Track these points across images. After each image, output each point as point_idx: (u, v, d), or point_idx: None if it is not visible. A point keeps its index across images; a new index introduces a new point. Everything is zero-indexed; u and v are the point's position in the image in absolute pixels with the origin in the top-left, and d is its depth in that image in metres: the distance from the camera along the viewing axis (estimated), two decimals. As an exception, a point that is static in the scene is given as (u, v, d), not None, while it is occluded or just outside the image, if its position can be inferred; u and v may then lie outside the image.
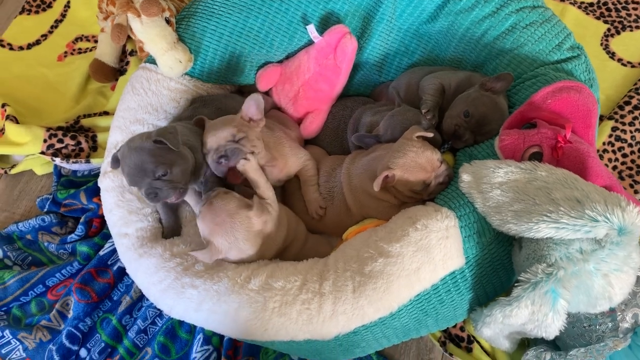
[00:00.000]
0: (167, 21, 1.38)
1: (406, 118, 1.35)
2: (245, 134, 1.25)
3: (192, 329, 1.43)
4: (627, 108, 1.69)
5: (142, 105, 1.41)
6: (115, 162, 1.24)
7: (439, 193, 1.25)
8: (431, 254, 1.12)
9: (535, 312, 1.00)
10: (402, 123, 1.35)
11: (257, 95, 1.29)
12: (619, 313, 1.07)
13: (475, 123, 1.29)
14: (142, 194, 1.22)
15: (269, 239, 1.24)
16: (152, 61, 1.44)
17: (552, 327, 1.01)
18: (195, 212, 1.37)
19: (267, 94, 1.61)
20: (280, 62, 1.56)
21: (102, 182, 1.39)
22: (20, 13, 2.09)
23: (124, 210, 1.34)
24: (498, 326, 1.07)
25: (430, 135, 1.27)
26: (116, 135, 1.41)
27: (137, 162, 1.18)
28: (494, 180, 1.10)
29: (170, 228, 1.37)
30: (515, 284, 1.03)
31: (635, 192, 1.57)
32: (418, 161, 1.23)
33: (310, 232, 1.41)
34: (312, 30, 1.45)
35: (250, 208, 1.18)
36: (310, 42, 1.50)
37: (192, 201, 1.36)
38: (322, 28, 1.48)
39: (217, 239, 1.17)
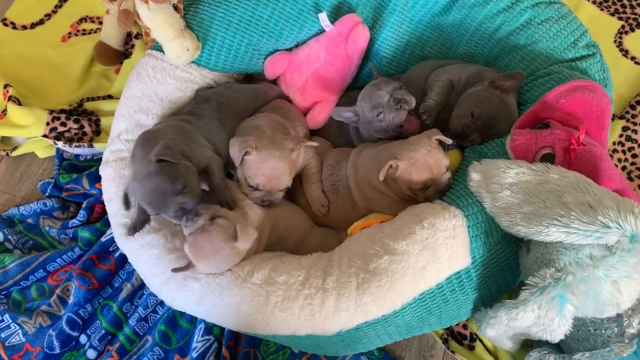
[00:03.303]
0: (175, 7, 1.35)
1: (378, 86, 1.31)
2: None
3: (193, 319, 1.42)
4: (639, 108, 1.66)
5: (147, 94, 1.39)
6: (127, 201, 1.24)
7: (432, 200, 1.22)
8: (437, 253, 1.11)
9: (542, 317, 0.99)
10: (372, 91, 1.32)
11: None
12: (626, 318, 1.06)
13: (482, 124, 1.26)
14: (170, 217, 1.20)
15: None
16: (159, 48, 1.41)
17: (557, 331, 1.00)
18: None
19: (274, 82, 1.59)
20: (289, 50, 1.53)
21: (104, 171, 1.37)
22: (25, -9, 2.06)
23: (124, 200, 1.32)
24: (502, 328, 1.06)
25: (450, 141, 1.25)
26: (120, 123, 1.39)
27: (154, 187, 1.16)
28: (504, 181, 1.09)
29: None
30: (522, 287, 1.02)
31: (645, 193, 1.56)
32: (427, 160, 1.21)
33: (317, 225, 1.39)
34: (323, 18, 1.42)
35: (236, 239, 1.14)
36: (321, 32, 1.47)
37: None
38: (333, 18, 1.45)
39: (201, 266, 1.17)
